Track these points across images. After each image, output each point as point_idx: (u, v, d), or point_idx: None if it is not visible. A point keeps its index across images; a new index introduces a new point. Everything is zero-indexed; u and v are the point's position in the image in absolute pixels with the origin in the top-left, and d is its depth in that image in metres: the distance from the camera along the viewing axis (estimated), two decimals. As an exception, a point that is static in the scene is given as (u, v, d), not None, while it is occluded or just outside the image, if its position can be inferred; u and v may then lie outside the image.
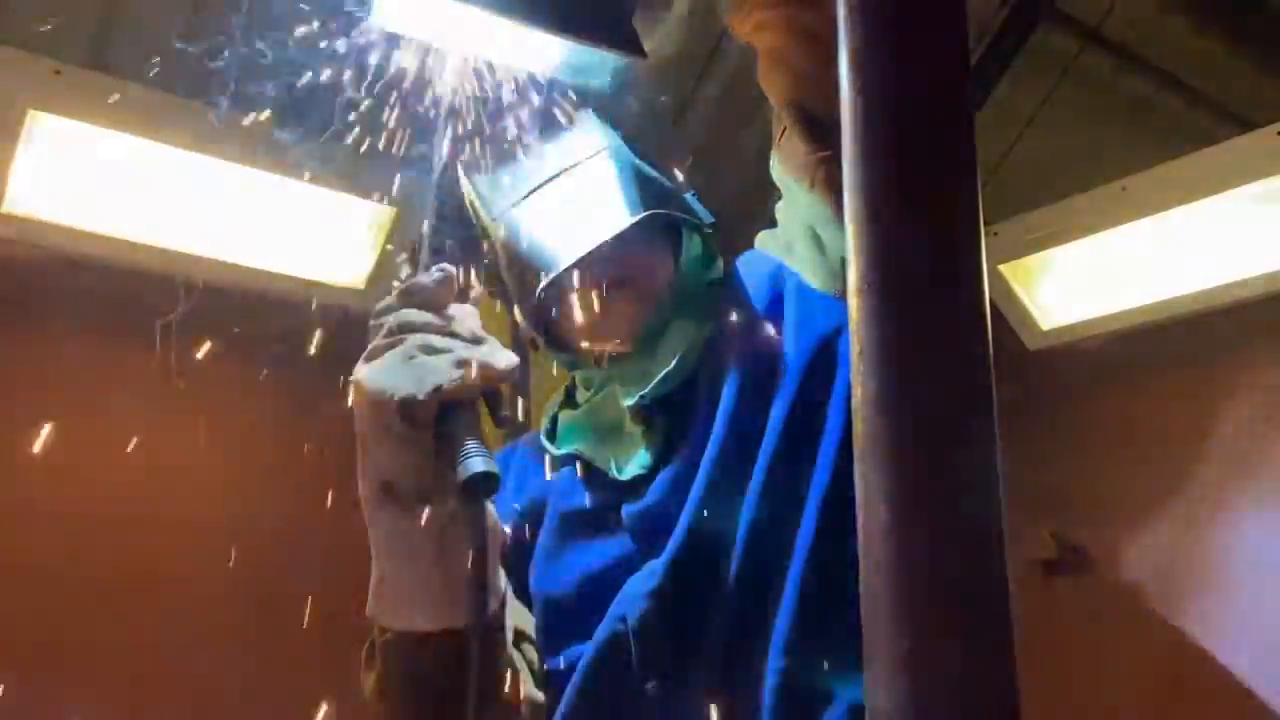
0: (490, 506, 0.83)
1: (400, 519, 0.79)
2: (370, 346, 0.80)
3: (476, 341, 0.81)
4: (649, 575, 0.95)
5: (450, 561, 0.79)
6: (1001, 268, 2.09)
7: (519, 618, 0.99)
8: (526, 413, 1.39)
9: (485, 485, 0.75)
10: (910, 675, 0.42)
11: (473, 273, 0.88)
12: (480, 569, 0.75)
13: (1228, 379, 2.07)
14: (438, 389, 0.75)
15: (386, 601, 0.84)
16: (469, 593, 0.78)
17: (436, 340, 0.79)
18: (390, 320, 0.80)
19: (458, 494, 0.76)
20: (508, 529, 0.98)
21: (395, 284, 0.84)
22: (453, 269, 0.83)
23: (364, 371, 0.78)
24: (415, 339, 0.78)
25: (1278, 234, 1.81)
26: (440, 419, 0.77)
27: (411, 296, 0.81)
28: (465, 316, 0.83)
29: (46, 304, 1.76)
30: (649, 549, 0.97)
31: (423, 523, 0.79)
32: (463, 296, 0.85)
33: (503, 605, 0.89)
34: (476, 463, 0.75)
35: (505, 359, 0.80)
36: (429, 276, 0.82)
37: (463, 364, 0.77)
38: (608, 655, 0.95)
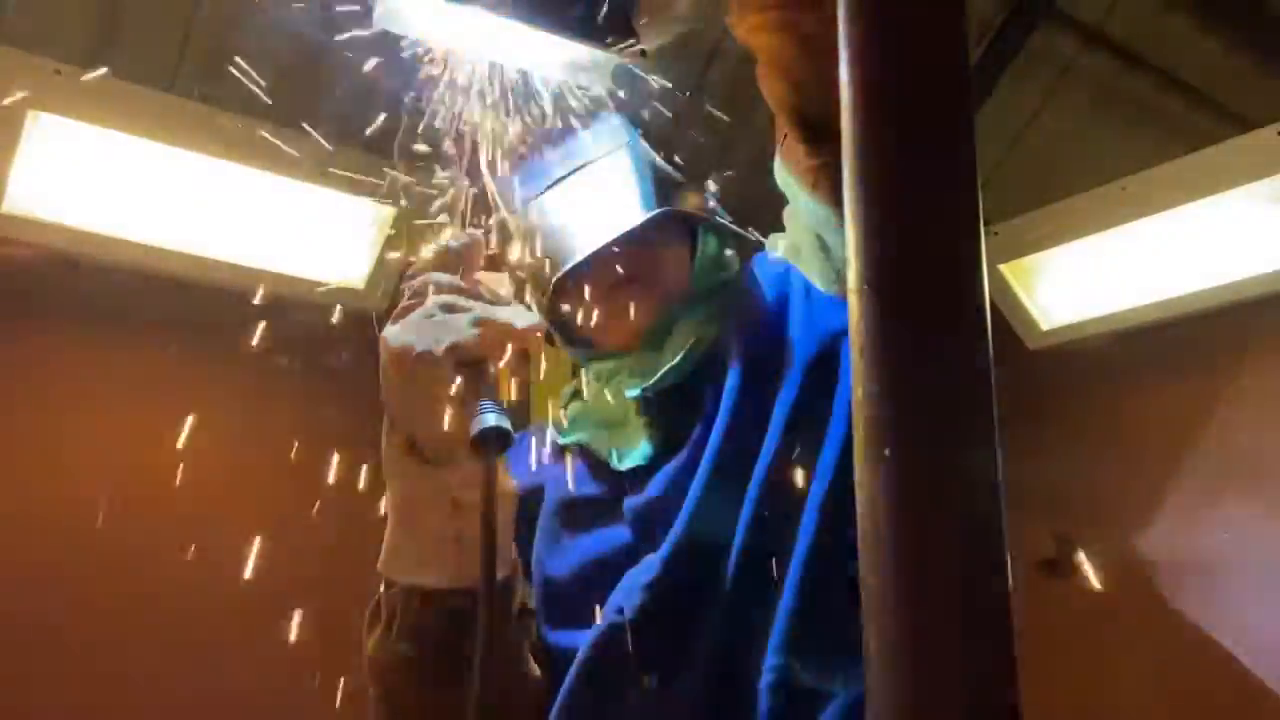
0: (509, 476, 0.84)
1: (419, 474, 0.80)
2: (399, 308, 0.81)
3: (500, 304, 0.82)
4: (647, 568, 0.96)
5: (463, 520, 0.79)
6: (1001, 268, 2.09)
7: (522, 592, 1.00)
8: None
9: (497, 441, 0.75)
10: (910, 675, 0.42)
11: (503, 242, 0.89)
12: (490, 530, 0.75)
13: (1228, 379, 2.07)
14: (454, 346, 0.76)
15: (398, 556, 0.84)
16: (477, 553, 0.76)
17: (458, 300, 0.80)
18: (417, 282, 0.82)
19: (469, 449, 0.76)
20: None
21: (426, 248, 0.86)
22: (480, 234, 0.85)
23: (389, 330, 0.79)
24: (438, 299, 0.80)
25: (1278, 234, 1.81)
26: (462, 378, 0.78)
27: (439, 260, 0.83)
28: (492, 281, 0.84)
29: (46, 304, 1.76)
30: (648, 541, 0.98)
31: (440, 479, 0.80)
32: (492, 264, 0.87)
33: (513, 574, 0.89)
34: (489, 418, 0.75)
35: (525, 320, 0.80)
36: (456, 241, 0.84)
37: (481, 323, 0.78)
38: (605, 647, 0.95)
